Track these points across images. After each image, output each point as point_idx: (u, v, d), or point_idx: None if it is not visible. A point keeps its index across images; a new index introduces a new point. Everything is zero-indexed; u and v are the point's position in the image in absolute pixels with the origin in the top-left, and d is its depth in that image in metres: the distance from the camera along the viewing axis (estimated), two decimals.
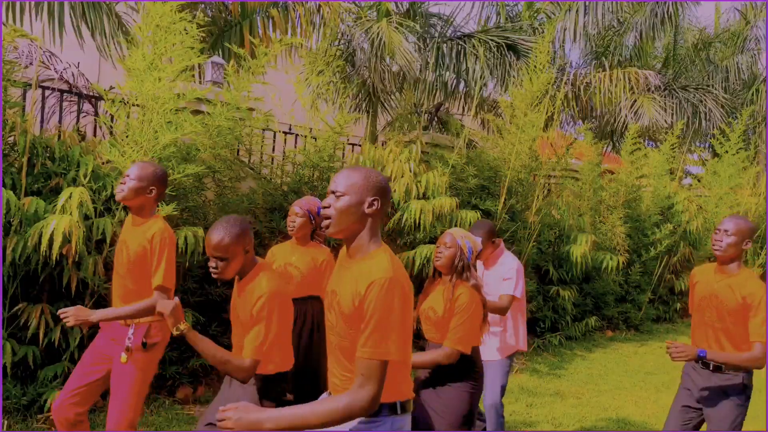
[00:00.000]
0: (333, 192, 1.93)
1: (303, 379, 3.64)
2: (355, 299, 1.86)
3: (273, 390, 2.64)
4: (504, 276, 3.94)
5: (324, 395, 2.16)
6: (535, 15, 10.84)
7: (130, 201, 3.05)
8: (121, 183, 3.06)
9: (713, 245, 3.19)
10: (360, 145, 6.97)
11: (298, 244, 3.78)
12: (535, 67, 6.88)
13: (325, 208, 1.94)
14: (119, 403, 3.03)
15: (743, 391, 3.19)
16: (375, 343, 1.81)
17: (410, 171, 6.29)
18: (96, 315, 3.00)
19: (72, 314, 2.97)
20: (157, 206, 3.91)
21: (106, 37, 6.28)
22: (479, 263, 4.09)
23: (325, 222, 1.94)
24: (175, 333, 2.49)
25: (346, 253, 2.01)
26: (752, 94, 14.54)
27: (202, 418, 2.71)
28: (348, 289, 1.90)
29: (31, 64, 5.39)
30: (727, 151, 10.02)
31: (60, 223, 3.75)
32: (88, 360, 3.17)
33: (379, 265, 1.87)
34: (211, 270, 2.54)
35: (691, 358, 3.05)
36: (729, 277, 3.21)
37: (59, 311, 3.00)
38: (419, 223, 5.98)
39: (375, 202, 1.93)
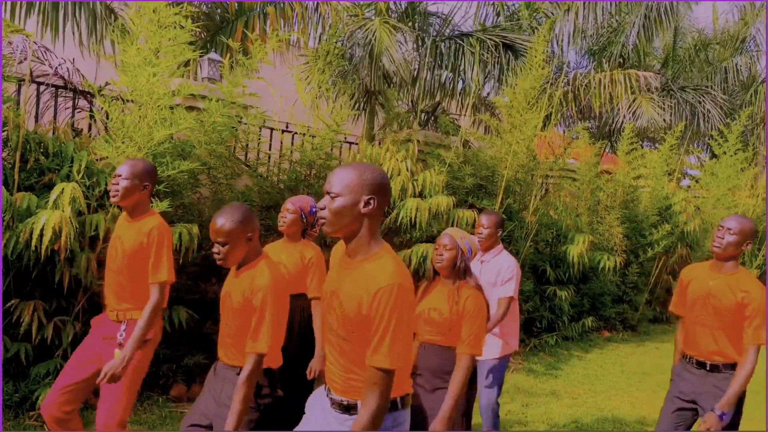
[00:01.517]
0: (328, 193, 1.90)
1: (292, 378, 3.61)
2: (362, 305, 1.85)
3: (265, 386, 2.61)
4: (504, 275, 3.92)
5: (320, 389, 2.14)
6: (534, 14, 10.82)
7: (125, 201, 3.03)
8: (114, 184, 3.01)
9: (714, 242, 3.14)
10: (357, 144, 6.95)
11: (288, 242, 3.76)
12: (531, 66, 6.85)
13: (320, 209, 1.92)
14: (109, 402, 2.99)
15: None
16: (385, 352, 1.83)
17: (407, 169, 6.27)
18: (126, 351, 2.90)
19: (109, 375, 2.85)
20: (151, 202, 3.90)
21: (96, 34, 6.26)
22: (478, 258, 4.05)
23: (321, 221, 1.92)
24: None
25: (345, 251, 1.98)
26: (750, 96, 14.54)
27: (186, 416, 2.67)
28: (352, 292, 1.89)
29: (25, 59, 5.36)
30: (725, 152, 10.01)
31: (50, 219, 3.72)
32: (79, 358, 3.14)
33: (385, 269, 1.86)
34: (214, 255, 2.55)
35: (718, 427, 3.02)
36: (726, 275, 3.16)
37: (98, 381, 2.87)
38: (415, 221, 5.95)
39: (371, 201, 1.89)
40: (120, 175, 3.01)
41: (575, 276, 8.16)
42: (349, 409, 1.97)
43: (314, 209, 3.65)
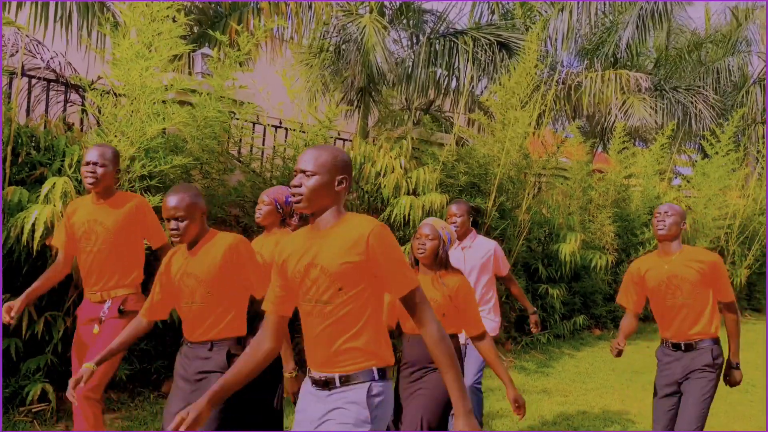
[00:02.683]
0: (303, 171, 1.98)
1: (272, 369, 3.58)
2: (353, 254, 1.93)
3: (236, 356, 2.62)
4: (498, 255, 4.20)
5: (307, 378, 2.13)
6: (529, 13, 10.84)
7: (101, 186, 3.13)
8: (90, 171, 3.10)
9: (657, 227, 3.34)
10: (351, 140, 6.94)
11: (266, 235, 3.75)
12: (524, 64, 6.85)
13: (295, 186, 1.97)
14: None
15: (714, 361, 3.28)
16: (405, 275, 1.95)
17: (401, 167, 6.27)
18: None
19: None
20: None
21: (87, 27, 6.21)
22: (457, 245, 4.11)
23: (296, 198, 1.98)
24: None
25: (310, 228, 2.05)
26: (742, 96, 14.63)
27: (166, 410, 2.66)
28: (334, 251, 1.95)
29: (16, 52, 5.31)
30: (717, 153, 10.06)
31: (42, 213, 3.69)
32: (79, 356, 3.20)
33: (361, 221, 1.98)
34: (171, 232, 2.60)
35: (740, 378, 3.37)
36: (677, 254, 3.34)
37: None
38: (409, 218, 5.95)
39: (344, 180, 2.01)
40: (96, 163, 3.11)
41: (567, 274, 8.19)
42: (327, 383, 2.00)
43: (289, 199, 3.65)
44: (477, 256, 4.07)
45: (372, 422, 1.94)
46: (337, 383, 1.98)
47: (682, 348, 3.33)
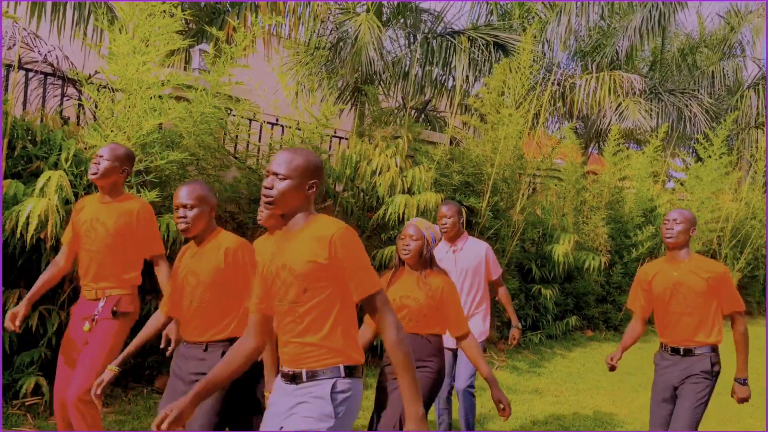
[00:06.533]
0: (275, 173, 2.02)
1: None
2: (318, 256, 1.98)
3: None
4: (489, 257, 4.12)
5: (279, 376, 2.17)
6: (526, 15, 10.87)
7: (104, 180, 3.16)
8: (95, 163, 3.16)
9: (665, 234, 3.37)
10: (347, 139, 6.95)
11: (269, 235, 3.76)
12: (518, 66, 6.87)
13: (266, 188, 2.02)
14: (84, 370, 3.04)
15: (711, 369, 3.30)
16: (368, 278, 2.01)
17: (396, 165, 6.28)
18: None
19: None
20: (137, 190, 3.98)
21: (84, 22, 6.20)
22: (448, 248, 4.11)
23: (267, 199, 2.02)
24: None
25: (283, 230, 2.11)
26: (736, 101, 14.72)
27: (161, 408, 2.66)
28: (300, 252, 2.01)
29: (14, 45, 5.30)
30: (710, 156, 10.12)
31: (36, 207, 3.70)
32: (65, 351, 3.19)
33: (326, 222, 2.03)
34: (178, 221, 2.63)
35: (748, 393, 3.36)
36: (685, 263, 3.37)
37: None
38: (403, 217, 5.97)
39: (314, 185, 2.07)
40: (102, 156, 3.17)
41: (560, 275, 8.23)
42: (294, 378, 2.05)
43: (263, 190, 3.68)
44: (468, 259, 4.06)
45: (335, 417, 1.99)
46: (304, 378, 2.03)
47: (681, 353, 3.35)
